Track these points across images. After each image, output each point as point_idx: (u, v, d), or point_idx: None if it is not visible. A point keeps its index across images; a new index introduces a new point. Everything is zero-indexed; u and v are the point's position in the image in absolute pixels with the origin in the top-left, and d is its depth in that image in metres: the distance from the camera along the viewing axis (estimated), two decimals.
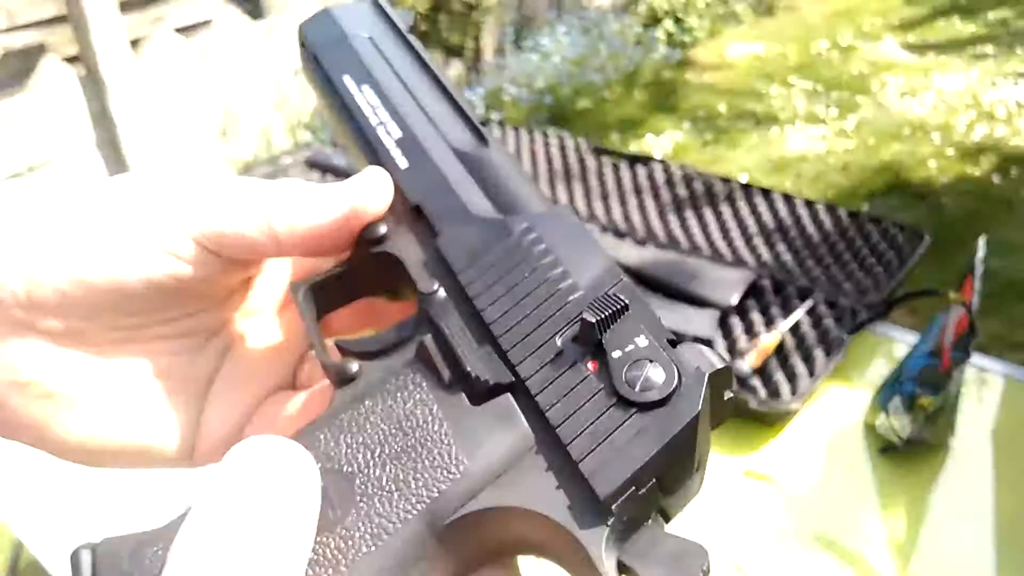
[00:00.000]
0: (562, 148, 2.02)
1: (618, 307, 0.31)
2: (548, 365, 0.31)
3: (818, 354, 1.28)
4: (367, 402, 0.32)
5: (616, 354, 0.31)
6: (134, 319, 0.36)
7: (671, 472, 0.29)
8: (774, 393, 1.23)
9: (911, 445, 1.13)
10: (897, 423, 1.12)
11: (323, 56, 0.44)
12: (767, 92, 5.08)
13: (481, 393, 0.31)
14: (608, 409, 0.30)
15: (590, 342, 0.31)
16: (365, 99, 0.42)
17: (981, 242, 1.12)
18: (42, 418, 0.35)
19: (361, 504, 0.29)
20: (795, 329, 1.35)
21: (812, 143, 4.43)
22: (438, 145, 0.40)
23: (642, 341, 0.31)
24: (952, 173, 3.98)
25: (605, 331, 0.31)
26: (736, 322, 1.38)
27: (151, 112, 3.64)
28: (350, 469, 0.30)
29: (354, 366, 0.33)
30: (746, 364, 1.26)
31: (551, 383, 0.31)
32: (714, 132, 4.63)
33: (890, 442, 1.16)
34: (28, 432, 0.36)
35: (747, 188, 1.73)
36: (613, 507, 0.28)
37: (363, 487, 0.29)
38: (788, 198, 1.69)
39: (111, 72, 3.39)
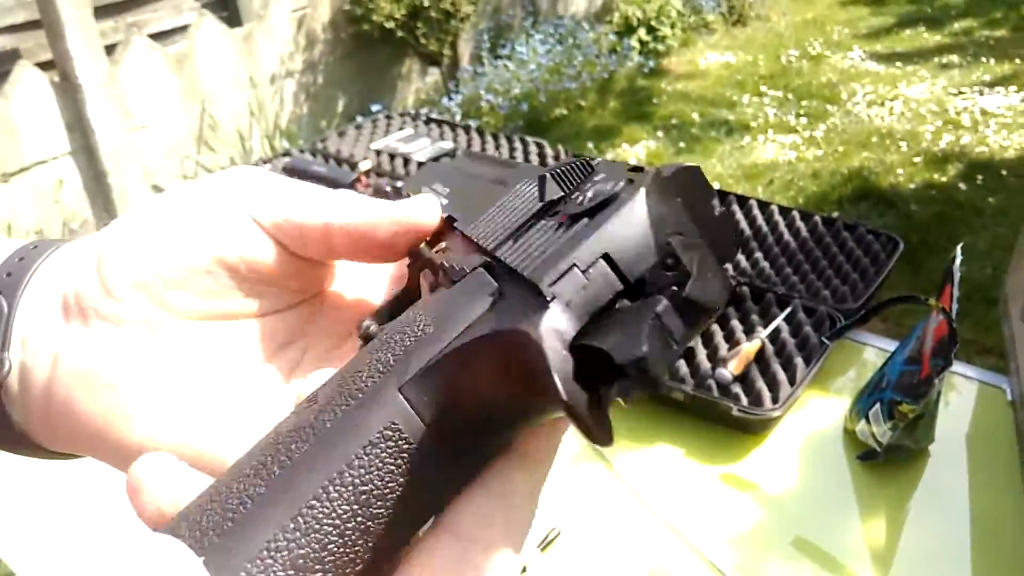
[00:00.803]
0: (541, 155, 2.03)
1: (580, 164, 0.31)
2: (521, 237, 0.31)
3: (798, 361, 1.30)
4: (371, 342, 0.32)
5: (577, 196, 0.31)
6: (204, 304, 0.36)
7: (625, 259, 0.27)
8: (756, 401, 1.25)
9: (891, 452, 1.15)
10: (877, 430, 1.14)
11: None
12: (739, 101, 5.14)
13: (457, 281, 0.32)
14: (559, 228, 0.29)
15: (547, 196, 0.32)
16: None
17: (958, 250, 1.14)
18: (105, 412, 0.35)
19: (334, 383, 0.29)
20: (775, 336, 1.37)
21: (783, 151, 4.49)
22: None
23: (601, 178, 0.30)
24: (920, 180, 4.06)
25: (570, 188, 0.31)
26: (716, 329, 1.40)
27: (127, 119, 3.60)
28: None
29: (373, 326, 0.34)
30: (728, 371, 1.27)
31: (519, 243, 0.31)
32: (687, 140, 4.67)
33: (870, 449, 1.18)
34: (89, 431, 0.36)
35: (723, 195, 1.75)
36: (551, 288, 0.26)
37: (340, 375, 0.30)
38: (764, 205, 1.71)
39: (86, 78, 3.35)
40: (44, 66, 3.32)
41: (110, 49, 3.52)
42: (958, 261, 1.14)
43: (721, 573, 1.04)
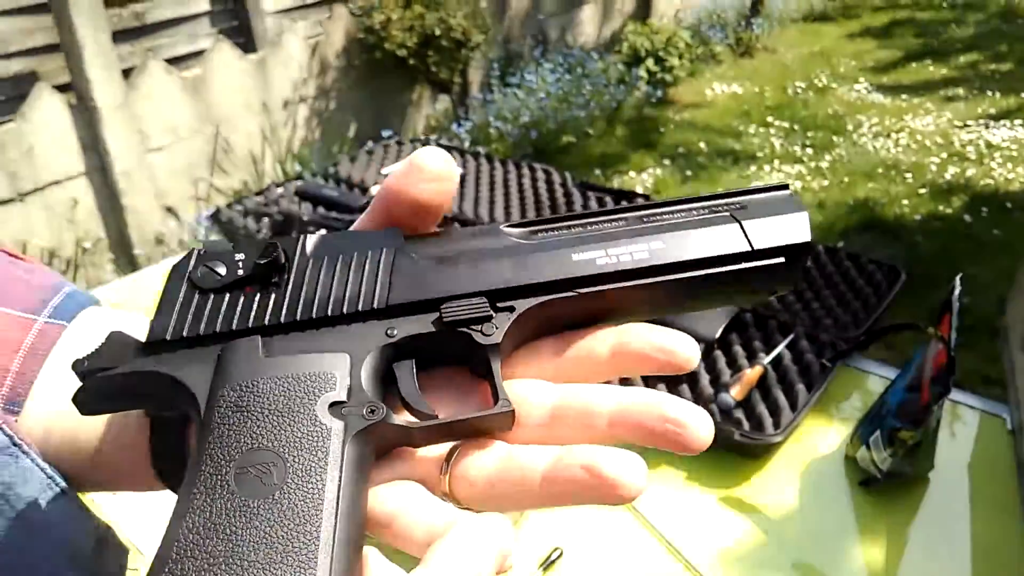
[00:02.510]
0: (548, 182, 2.06)
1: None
2: None
3: (800, 388, 1.32)
4: None
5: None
6: None
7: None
8: (757, 426, 1.27)
9: (891, 478, 1.17)
10: (877, 456, 1.16)
11: None
12: (745, 130, 5.19)
13: None
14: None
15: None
16: None
17: (957, 280, 1.17)
18: None
19: None
20: (777, 363, 1.39)
21: (789, 180, 4.52)
22: None
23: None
24: (924, 212, 4.08)
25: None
26: (719, 355, 1.42)
27: (142, 141, 3.65)
28: None
29: None
30: (730, 396, 1.29)
31: None
32: (693, 169, 4.71)
33: (870, 475, 1.19)
34: None
35: None
36: None
37: None
38: None
39: (103, 100, 3.41)
40: (62, 88, 3.38)
41: (127, 73, 3.58)
42: (958, 291, 1.16)
43: None
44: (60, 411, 0.44)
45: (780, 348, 1.40)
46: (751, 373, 1.33)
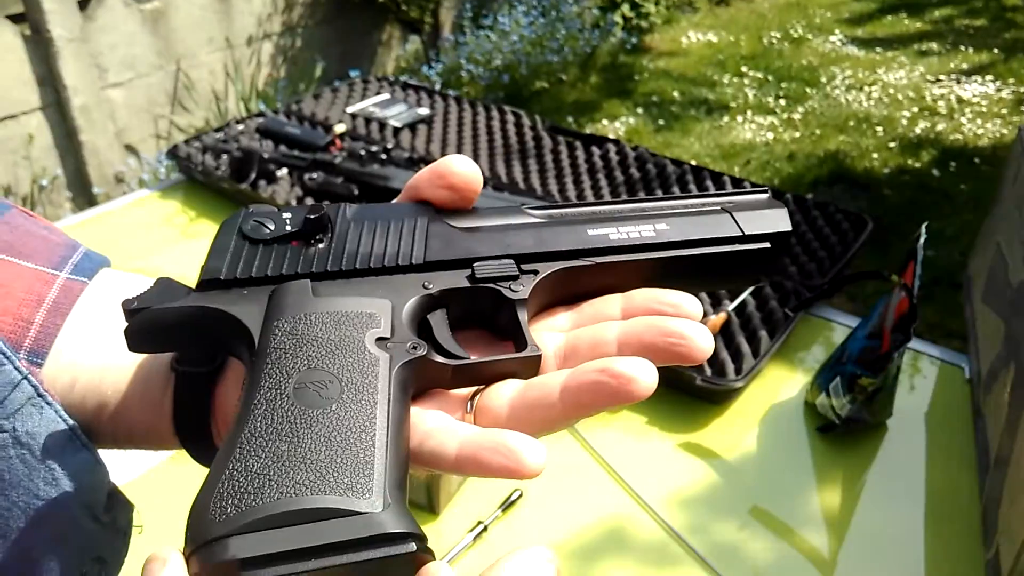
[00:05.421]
0: (518, 125, 2.02)
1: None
2: None
3: (763, 334, 1.32)
4: None
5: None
6: None
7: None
8: (719, 372, 1.27)
9: (849, 424, 1.17)
10: (837, 403, 1.16)
11: None
12: (719, 80, 5.15)
13: None
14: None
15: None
16: None
17: (923, 228, 1.16)
18: None
19: None
20: (741, 310, 1.38)
21: (761, 132, 4.51)
22: None
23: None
24: (894, 165, 4.09)
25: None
26: None
27: (100, 76, 3.53)
28: None
29: None
30: None
31: None
32: (666, 118, 4.67)
33: (829, 421, 1.19)
34: None
35: (698, 171, 1.76)
36: None
37: None
38: (738, 182, 1.72)
39: (58, 32, 3.28)
40: (15, 19, 3.25)
41: (84, 4, 3.44)
42: (923, 239, 1.16)
43: (677, 537, 1.06)
44: (83, 365, 0.46)
45: (744, 295, 1.39)
46: (715, 319, 1.32)
